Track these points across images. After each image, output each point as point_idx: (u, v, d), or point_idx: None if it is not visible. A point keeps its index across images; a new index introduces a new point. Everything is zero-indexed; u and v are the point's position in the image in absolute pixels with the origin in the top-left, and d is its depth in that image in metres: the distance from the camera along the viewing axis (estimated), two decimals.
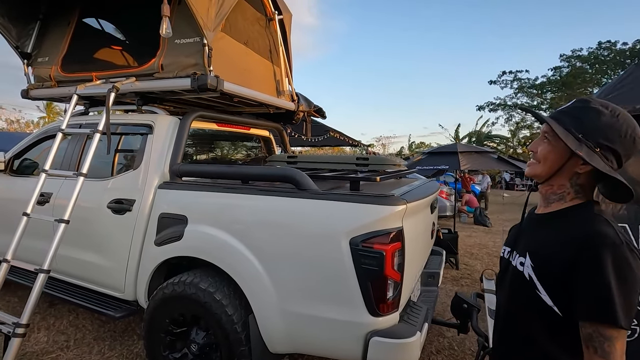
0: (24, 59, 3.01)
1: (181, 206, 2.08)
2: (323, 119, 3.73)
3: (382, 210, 1.61)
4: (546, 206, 0.97)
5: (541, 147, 0.94)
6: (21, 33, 3.00)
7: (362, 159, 2.35)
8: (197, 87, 2.23)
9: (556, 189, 0.94)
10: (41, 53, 2.99)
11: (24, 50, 3.00)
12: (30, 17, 3.02)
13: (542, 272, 0.87)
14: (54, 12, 3.00)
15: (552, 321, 0.85)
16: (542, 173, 0.94)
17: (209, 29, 2.21)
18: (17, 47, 2.98)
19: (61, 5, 2.96)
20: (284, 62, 3.15)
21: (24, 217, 2.26)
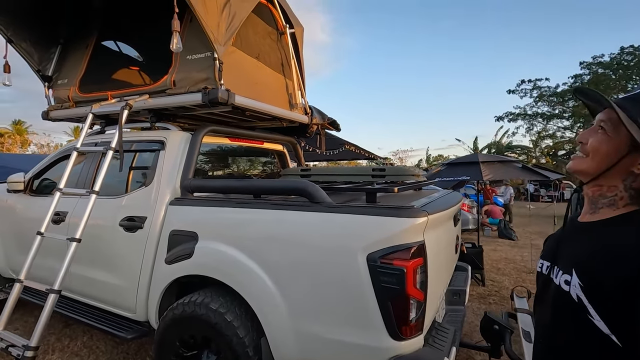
0: (44, 81, 3.10)
1: (192, 222, 2.02)
2: (337, 131, 3.66)
3: (402, 223, 1.49)
4: (593, 212, 0.83)
5: (593, 137, 0.80)
6: (43, 57, 3.10)
7: (379, 170, 2.24)
8: (208, 101, 2.20)
9: (606, 191, 0.80)
10: (61, 75, 3.07)
11: (45, 74, 3.09)
12: (52, 42, 3.12)
13: (595, 292, 0.72)
14: (74, 36, 3.09)
15: (608, 352, 0.70)
16: (590, 169, 0.80)
17: (220, 43, 2.19)
18: (39, 70, 3.08)
19: (80, 29, 3.05)
20: (296, 75, 3.12)
21: (37, 236, 2.26)
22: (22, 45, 2.96)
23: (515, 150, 27.05)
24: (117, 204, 2.40)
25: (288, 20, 3.03)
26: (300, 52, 3.25)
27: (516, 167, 4.53)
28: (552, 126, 22.42)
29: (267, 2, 2.86)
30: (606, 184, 0.79)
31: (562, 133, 22.32)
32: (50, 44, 3.11)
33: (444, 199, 2.08)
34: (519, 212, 11.83)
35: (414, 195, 2.20)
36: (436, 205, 1.79)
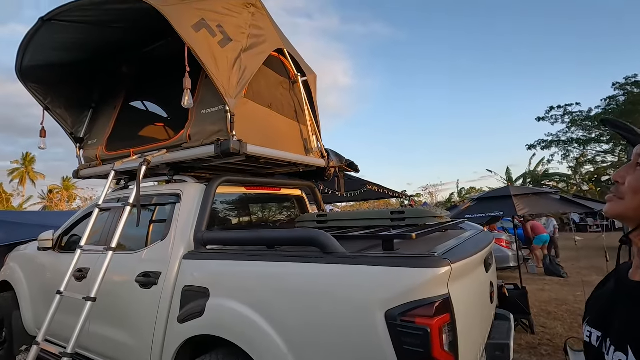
0: (76, 143, 3.30)
1: (203, 277, 1.94)
2: (356, 172, 3.59)
3: (421, 274, 1.34)
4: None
5: (632, 176, 0.67)
6: (75, 121, 3.33)
7: (398, 213, 2.11)
8: (221, 152, 2.22)
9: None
10: (91, 136, 3.27)
11: (77, 136, 3.31)
12: (84, 107, 3.36)
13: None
14: (103, 99, 3.32)
15: None
16: (630, 212, 0.67)
17: (231, 96, 2.25)
18: (72, 133, 3.29)
19: (110, 92, 3.28)
20: (310, 120, 3.14)
21: (57, 295, 2.26)
22: (58, 112, 3.20)
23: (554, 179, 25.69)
24: (135, 260, 2.39)
25: (300, 69, 3.11)
26: (314, 98, 3.30)
27: (554, 199, 4.18)
28: (590, 151, 21.28)
29: (278, 54, 2.96)
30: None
31: (603, 157, 21.09)
32: (82, 109, 3.35)
33: (472, 242, 1.90)
34: (566, 245, 10.88)
35: (439, 238, 2.03)
36: (462, 250, 1.62)
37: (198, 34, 2.16)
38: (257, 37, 2.58)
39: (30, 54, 2.77)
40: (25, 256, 3.49)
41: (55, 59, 2.94)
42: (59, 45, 2.78)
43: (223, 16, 2.37)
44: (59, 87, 3.15)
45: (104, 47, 2.98)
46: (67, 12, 2.31)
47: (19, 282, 3.29)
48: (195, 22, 2.16)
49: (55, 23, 2.44)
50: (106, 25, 2.63)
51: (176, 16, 2.05)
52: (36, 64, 2.89)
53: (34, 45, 2.69)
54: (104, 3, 2.21)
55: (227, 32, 2.35)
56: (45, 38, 2.63)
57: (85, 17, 2.42)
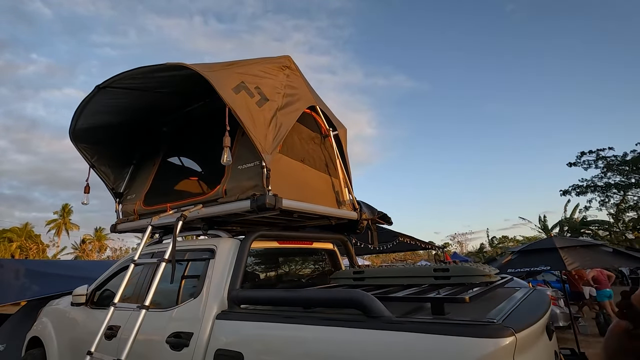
0: (116, 198, 3.44)
1: (237, 340, 1.84)
2: (389, 225, 3.50)
3: (483, 346, 1.20)
4: None
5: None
6: (117, 177, 3.50)
7: (442, 271, 1.98)
8: (257, 207, 2.23)
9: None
10: (130, 192, 3.40)
11: (117, 191, 3.45)
12: (126, 164, 3.55)
13: None
14: (144, 156, 3.50)
15: None
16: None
17: (267, 152, 2.31)
18: (113, 188, 3.44)
19: (150, 150, 3.46)
20: (342, 173, 3.16)
21: (87, 356, 2.20)
22: (102, 169, 3.38)
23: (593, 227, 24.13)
24: (166, 318, 2.33)
25: (331, 124, 3.20)
26: (345, 151, 3.34)
27: (606, 252, 3.84)
28: (632, 196, 20.08)
29: (311, 111, 3.07)
30: None
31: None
32: (125, 166, 3.53)
33: (529, 304, 1.72)
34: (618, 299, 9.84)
35: (490, 299, 1.86)
36: (522, 315, 1.46)
37: (238, 96, 2.28)
38: (291, 96, 2.71)
39: (83, 118, 3.01)
40: (57, 311, 3.49)
41: (104, 121, 3.17)
42: (108, 109, 3.01)
43: (260, 78, 2.51)
44: (105, 146, 3.37)
45: (147, 110, 3.21)
46: (120, 80, 2.53)
47: (49, 338, 3.26)
48: (235, 85, 2.30)
49: (108, 90, 2.67)
50: (152, 90, 2.85)
51: (219, 81, 2.20)
52: (86, 127, 3.12)
53: (87, 110, 2.93)
54: (153, 72, 2.41)
55: (264, 93, 2.47)
56: (97, 103, 2.87)
57: (135, 84, 2.64)
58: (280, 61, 2.76)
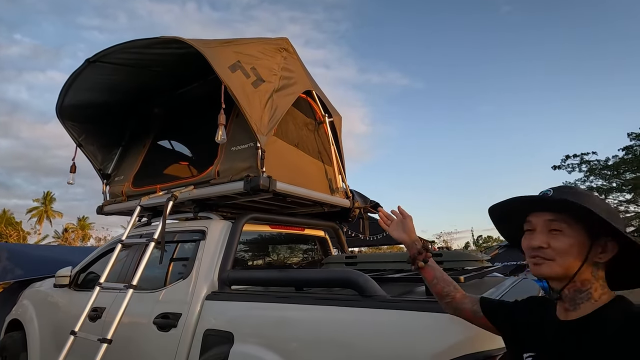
0: (104, 179, 3.35)
1: (227, 320, 1.81)
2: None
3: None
4: (574, 309, 0.83)
5: (555, 240, 0.82)
6: (105, 158, 3.40)
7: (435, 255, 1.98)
8: (250, 188, 2.19)
9: (580, 286, 0.82)
10: (118, 173, 3.31)
11: (105, 172, 3.36)
12: (115, 145, 3.45)
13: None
14: (134, 138, 3.41)
15: None
16: (564, 271, 0.81)
17: (262, 133, 2.27)
18: (100, 169, 3.35)
19: (140, 131, 3.38)
20: (336, 160, 3.14)
21: (71, 336, 2.14)
22: (89, 149, 3.28)
23: None
24: (154, 299, 2.28)
25: (326, 110, 3.17)
26: (340, 138, 3.32)
27: None
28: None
29: (306, 96, 3.04)
30: (579, 279, 0.82)
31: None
32: (113, 147, 3.44)
33: (520, 289, 1.75)
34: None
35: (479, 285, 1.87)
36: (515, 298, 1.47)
37: (233, 75, 2.23)
38: (288, 79, 2.66)
39: (71, 94, 2.91)
40: (39, 293, 3.40)
41: (92, 99, 3.07)
42: (97, 86, 2.92)
43: (257, 59, 2.47)
44: (93, 125, 3.27)
45: (138, 89, 3.12)
46: (112, 54, 2.45)
47: (30, 321, 3.17)
48: (231, 64, 2.25)
49: (99, 64, 2.58)
50: (144, 68, 2.77)
51: (215, 57, 2.14)
52: (74, 104, 3.02)
53: (75, 86, 2.83)
54: (147, 46, 2.34)
55: (260, 74, 2.43)
56: (86, 79, 2.78)
57: (127, 59, 2.56)
58: (277, 43, 2.71)
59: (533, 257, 0.85)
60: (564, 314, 0.85)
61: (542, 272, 0.84)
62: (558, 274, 0.82)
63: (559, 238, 0.81)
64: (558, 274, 0.82)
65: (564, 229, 0.81)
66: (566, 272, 0.81)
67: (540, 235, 0.83)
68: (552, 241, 0.82)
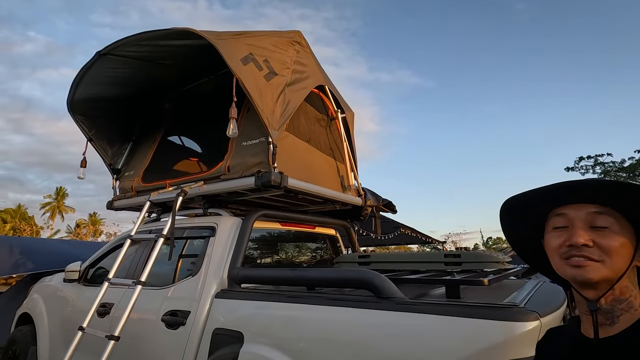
0: (114, 174, 3.33)
1: (237, 320, 1.76)
2: (393, 213, 3.41)
3: (506, 329, 1.12)
4: (611, 323, 0.69)
5: (604, 238, 0.68)
6: (116, 153, 3.39)
7: (453, 256, 1.90)
8: (261, 184, 2.14)
9: (619, 294, 0.70)
10: (128, 168, 3.29)
11: (115, 167, 3.34)
12: (125, 140, 3.44)
13: None
14: (144, 133, 3.39)
15: None
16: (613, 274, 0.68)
17: (274, 127, 2.21)
18: (111, 164, 3.33)
19: (150, 127, 3.35)
20: (348, 157, 3.06)
21: (78, 331, 2.11)
22: (100, 143, 3.27)
23: None
24: (162, 296, 2.24)
25: (339, 106, 3.10)
26: (352, 135, 3.24)
27: None
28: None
29: (319, 91, 2.97)
30: (619, 286, 0.70)
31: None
32: (123, 142, 3.42)
33: (544, 292, 1.65)
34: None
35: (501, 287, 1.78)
36: (543, 301, 1.38)
37: (246, 67, 2.18)
38: (300, 72, 2.60)
39: (82, 87, 2.88)
40: (48, 288, 3.40)
41: (103, 93, 3.05)
42: (108, 80, 2.89)
43: (270, 52, 2.40)
44: (103, 120, 3.25)
45: (148, 84, 3.09)
46: (123, 46, 2.41)
47: (40, 315, 3.17)
48: (243, 56, 2.19)
49: (110, 57, 2.55)
50: (155, 61, 2.73)
51: (227, 49, 2.09)
52: (85, 98, 3.00)
53: (86, 79, 2.81)
54: (159, 38, 2.30)
55: (272, 67, 2.37)
56: (97, 73, 2.75)
57: (138, 52, 2.52)
58: (290, 36, 2.65)
59: (571, 257, 0.70)
60: (602, 331, 0.70)
61: (588, 276, 0.68)
62: (606, 278, 0.68)
63: (608, 235, 0.68)
64: (606, 278, 0.68)
65: (610, 224, 0.69)
66: (614, 276, 0.68)
67: (582, 232, 0.69)
68: (599, 239, 0.68)
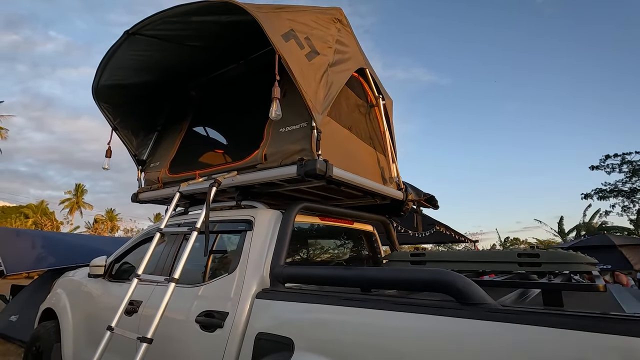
0: (139, 165, 3.18)
1: (285, 324, 1.55)
2: (435, 209, 3.17)
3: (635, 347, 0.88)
4: None
5: None
6: (141, 143, 3.24)
7: (528, 256, 1.65)
8: (304, 173, 1.93)
9: None
10: (154, 159, 3.14)
11: (140, 158, 3.19)
12: (150, 129, 3.28)
13: None
14: (170, 122, 3.23)
15: None
16: None
17: (318, 111, 2.00)
18: (135, 155, 3.19)
19: (177, 116, 3.19)
20: (389, 148, 2.83)
21: (107, 331, 1.95)
22: (124, 133, 3.12)
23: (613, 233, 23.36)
24: (193, 295, 2.06)
25: (379, 92, 2.87)
26: (392, 124, 3.01)
27: None
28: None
29: (358, 75, 2.74)
30: None
31: None
32: (148, 131, 3.27)
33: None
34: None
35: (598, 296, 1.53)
36: None
37: (287, 44, 1.97)
38: (342, 53, 2.38)
39: (107, 72, 2.74)
40: (72, 283, 3.28)
41: (128, 79, 2.90)
42: (133, 64, 2.74)
43: (311, 29, 2.19)
44: (129, 108, 3.10)
45: (175, 69, 2.92)
46: (153, 24, 2.24)
47: (64, 311, 3.05)
48: (285, 32, 1.98)
49: (137, 38, 2.38)
50: (183, 43, 2.55)
51: (269, 24, 1.88)
52: (110, 84, 2.85)
53: (112, 63, 2.66)
54: (192, 14, 2.11)
55: (314, 45, 2.16)
56: (123, 56, 2.59)
57: (168, 31, 2.34)
58: (331, 13, 2.43)
59: None
60: None
61: None
62: None
63: None
64: None
65: None
66: None
67: None
68: None
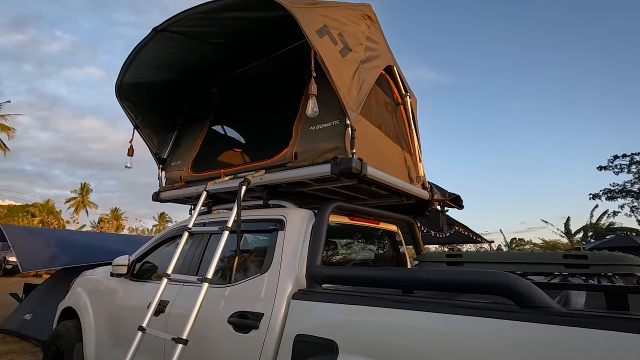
0: (159, 164, 3.16)
1: (328, 326, 1.52)
2: (460, 209, 3.12)
3: None
4: None
5: None
6: (161, 141, 3.22)
7: (575, 257, 1.61)
8: (339, 172, 1.89)
9: None
10: (174, 158, 3.11)
11: (161, 156, 3.17)
12: (171, 128, 3.26)
13: None
14: (191, 120, 3.20)
15: None
16: None
17: (352, 108, 1.96)
18: (156, 153, 3.17)
19: (198, 114, 3.16)
20: (416, 146, 2.79)
21: (138, 332, 1.92)
22: (146, 131, 3.11)
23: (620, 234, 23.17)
24: (223, 295, 2.03)
25: (406, 90, 2.82)
26: (417, 122, 2.96)
27: None
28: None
29: (385, 72, 2.70)
30: None
31: None
32: (169, 130, 3.25)
33: None
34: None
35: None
36: None
37: (321, 40, 1.93)
38: (372, 50, 2.35)
39: (131, 71, 2.72)
40: (92, 282, 3.26)
41: (151, 77, 2.88)
42: (155, 62, 2.72)
43: (343, 25, 2.16)
44: (150, 106, 3.09)
45: (197, 67, 2.90)
46: (181, 20, 2.21)
47: (85, 310, 3.03)
48: (319, 28, 1.94)
49: (164, 35, 2.35)
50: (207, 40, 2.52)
51: (305, 19, 1.85)
52: (134, 82, 2.84)
53: (137, 61, 2.64)
54: (225, 10, 2.08)
55: (347, 42, 2.12)
56: (149, 53, 2.57)
57: (196, 27, 2.32)
58: (361, 9, 2.39)
59: None
60: None
61: None
62: None
63: None
64: None
65: None
66: None
67: None
68: None
